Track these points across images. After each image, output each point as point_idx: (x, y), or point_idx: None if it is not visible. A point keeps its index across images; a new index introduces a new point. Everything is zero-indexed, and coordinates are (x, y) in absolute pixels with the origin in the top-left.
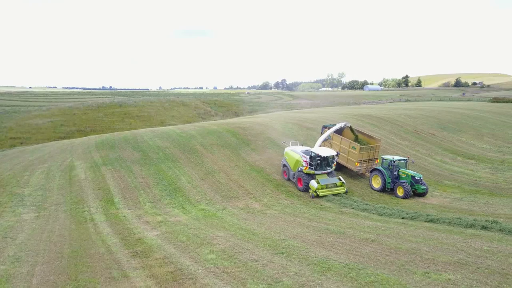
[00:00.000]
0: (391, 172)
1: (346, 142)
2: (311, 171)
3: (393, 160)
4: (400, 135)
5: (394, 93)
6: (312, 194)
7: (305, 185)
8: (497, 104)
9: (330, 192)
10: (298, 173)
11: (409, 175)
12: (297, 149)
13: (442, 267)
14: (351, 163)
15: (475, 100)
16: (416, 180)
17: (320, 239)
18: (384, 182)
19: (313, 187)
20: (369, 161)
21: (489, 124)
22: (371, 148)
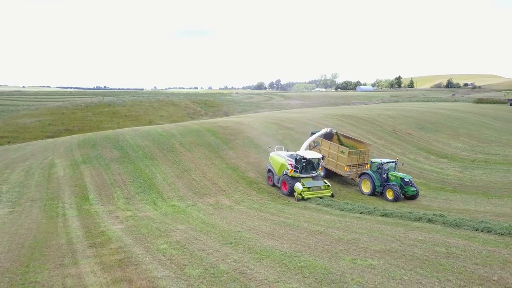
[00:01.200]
0: (380, 175)
1: (334, 147)
2: (296, 174)
3: (381, 162)
4: (377, 135)
5: (385, 94)
6: (297, 197)
7: (290, 189)
8: (480, 105)
9: (315, 195)
10: (283, 177)
11: (398, 177)
12: (282, 153)
13: (371, 254)
14: (340, 168)
15: (461, 101)
16: (405, 182)
17: (272, 231)
18: (373, 186)
19: (298, 190)
20: (359, 166)
21: (467, 125)
22: (360, 153)
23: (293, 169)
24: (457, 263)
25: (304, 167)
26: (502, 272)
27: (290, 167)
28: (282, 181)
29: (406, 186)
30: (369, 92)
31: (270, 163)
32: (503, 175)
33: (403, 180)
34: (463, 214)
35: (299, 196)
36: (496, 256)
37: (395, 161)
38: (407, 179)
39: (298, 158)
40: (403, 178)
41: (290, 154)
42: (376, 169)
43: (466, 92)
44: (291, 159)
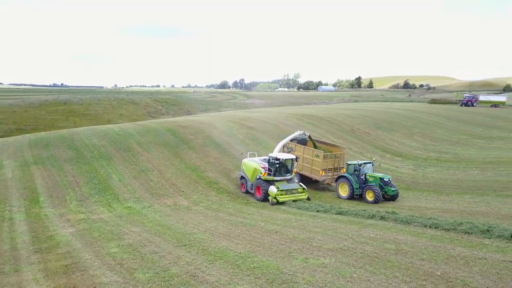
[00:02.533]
0: (358, 178)
1: (309, 151)
2: (270, 177)
3: (358, 164)
4: (336, 134)
5: (346, 94)
6: (272, 201)
7: (264, 193)
8: (434, 105)
9: (290, 198)
10: (256, 182)
11: (377, 177)
12: (255, 159)
13: (323, 253)
14: (315, 172)
15: (416, 101)
16: (385, 182)
17: (228, 232)
18: (351, 189)
19: (272, 193)
20: (335, 170)
21: (421, 124)
22: (335, 156)
23: (266, 172)
24: (404, 259)
25: (278, 170)
26: (446, 267)
27: (264, 170)
28: (255, 186)
29: (386, 187)
30: (331, 92)
31: (242, 170)
32: (452, 172)
33: (383, 180)
34: (414, 211)
35: (274, 200)
36: (441, 251)
37: (372, 162)
38: (387, 179)
39: (271, 160)
40: (382, 178)
41: (263, 158)
42: (353, 171)
43: (422, 92)
44: (264, 162)
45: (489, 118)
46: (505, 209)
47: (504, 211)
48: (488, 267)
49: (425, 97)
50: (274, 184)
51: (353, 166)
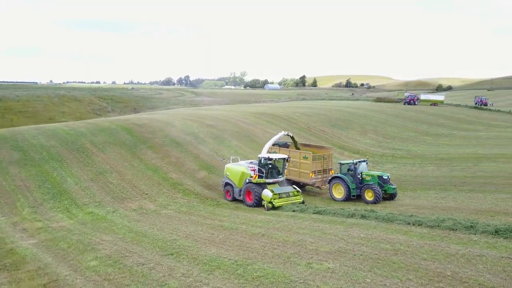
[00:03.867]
0: (353, 177)
1: (295, 154)
2: (261, 180)
3: (353, 163)
4: (295, 132)
5: (292, 92)
6: (267, 206)
7: (257, 198)
8: (380, 104)
9: (286, 202)
10: (246, 186)
11: (375, 176)
12: (240, 163)
13: (324, 257)
14: (304, 175)
15: (362, 100)
16: (384, 180)
17: (212, 237)
18: (348, 190)
19: (268, 197)
20: (324, 172)
21: (372, 122)
22: (324, 157)
23: (257, 174)
24: (407, 260)
25: (270, 171)
26: (452, 267)
27: (254, 173)
28: (245, 191)
29: (386, 185)
30: (277, 91)
31: (226, 176)
32: (409, 168)
33: (382, 178)
34: (389, 208)
35: (269, 205)
36: (438, 249)
37: (366, 160)
38: (386, 177)
39: (262, 161)
40: (381, 176)
41: (249, 161)
42: (347, 171)
43: (363, 91)
44: (253, 165)
45: (431, 116)
46: (473, 204)
47: (473, 206)
48: (491, 265)
49: (367, 95)
50: (266, 187)
51: (347, 165)
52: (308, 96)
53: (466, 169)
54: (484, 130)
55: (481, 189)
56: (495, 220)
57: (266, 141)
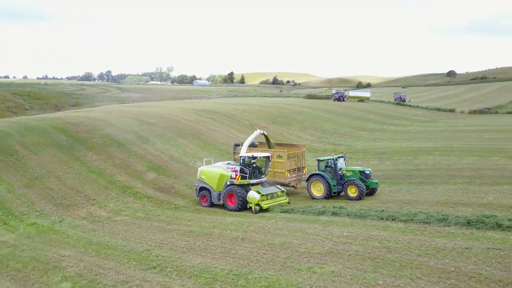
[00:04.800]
0: (334, 174)
1: None
2: (245, 181)
3: (333, 158)
4: (239, 129)
5: (222, 89)
6: (255, 209)
7: (241, 201)
8: (311, 100)
9: (274, 203)
10: (227, 189)
11: (356, 171)
12: (217, 164)
13: (320, 260)
14: (279, 175)
15: (292, 97)
16: (366, 175)
17: (188, 244)
18: (328, 187)
19: (255, 199)
20: (298, 170)
21: (309, 118)
22: (297, 155)
23: (240, 175)
24: (403, 257)
25: (253, 171)
26: (451, 262)
27: (236, 174)
28: (226, 194)
29: (368, 180)
30: (206, 87)
31: (201, 180)
32: (354, 163)
33: (364, 173)
34: (350, 204)
35: (257, 208)
36: (426, 244)
37: (343, 155)
38: (368, 172)
39: (246, 160)
40: (363, 171)
41: (227, 162)
42: (325, 168)
43: (289, 88)
44: (232, 165)
45: (361, 112)
46: (429, 196)
47: (430, 198)
48: (483, 257)
49: (295, 92)
50: (250, 189)
51: (325, 162)
52: (238, 93)
53: (408, 163)
54: (410, 125)
55: (429, 182)
56: (459, 211)
57: (214, 140)
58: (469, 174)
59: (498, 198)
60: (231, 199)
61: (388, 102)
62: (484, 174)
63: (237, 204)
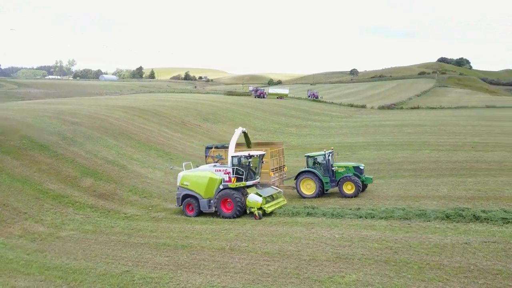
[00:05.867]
0: (326, 170)
1: None
2: (241, 183)
3: (326, 154)
4: (171, 128)
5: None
6: (259, 214)
7: (239, 206)
8: (234, 97)
9: (276, 206)
10: (221, 194)
11: (350, 167)
12: (201, 168)
13: (334, 267)
14: (263, 175)
15: (212, 93)
16: (361, 171)
17: (172, 260)
18: (320, 185)
19: (257, 203)
20: (280, 169)
21: (238, 115)
22: (278, 154)
23: (235, 176)
24: (414, 257)
25: (248, 172)
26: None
27: (229, 176)
28: (220, 200)
29: (362, 176)
30: (116, 82)
31: (183, 187)
32: (295, 159)
33: (358, 169)
34: (315, 202)
35: (260, 212)
36: (425, 242)
37: (331, 151)
38: (362, 167)
39: (242, 160)
40: (357, 167)
41: (213, 164)
42: (313, 164)
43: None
44: (221, 167)
45: (283, 108)
46: (391, 190)
47: (393, 192)
48: (487, 251)
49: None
50: (246, 192)
51: (313, 158)
52: (151, 89)
53: (349, 158)
54: (331, 120)
55: (379, 176)
56: (426, 205)
57: (148, 139)
58: (410, 167)
59: (452, 190)
60: (226, 205)
61: (305, 99)
62: (424, 167)
63: (234, 210)
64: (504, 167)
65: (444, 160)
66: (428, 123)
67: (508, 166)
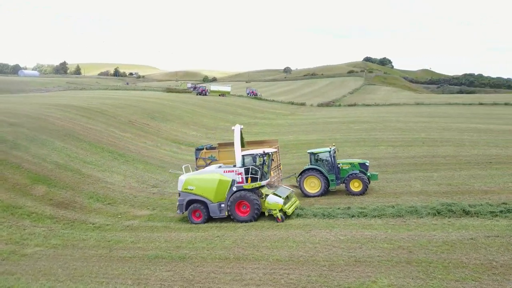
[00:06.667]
0: (331, 167)
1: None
2: (256, 183)
3: (331, 151)
4: (119, 127)
5: (58, 80)
6: (282, 216)
7: (257, 208)
8: (176, 95)
9: (293, 207)
10: (235, 196)
11: (356, 163)
12: (206, 170)
13: (358, 271)
14: None
15: (150, 90)
16: (366, 168)
17: (177, 275)
18: (326, 183)
19: (278, 204)
20: (277, 168)
21: (186, 113)
22: (276, 152)
23: (251, 176)
24: (431, 256)
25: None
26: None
27: (242, 177)
28: (233, 204)
29: (368, 172)
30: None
31: (187, 192)
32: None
33: (364, 166)
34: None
35: (281, 214)
36: (434, 240)
37: (334, 147)
38: (368, 163)
39: (258, 158)
40: (363, 164)
41: (218, 166)
42: (315, 161)
43: (133, 81)
44: (227, 168)
45: (228, 106)
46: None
47: (375, 189)
48: (497, 245)
49: (146, 85)
50: (259, 192)
51: (321, 154)
52: (79, 85)
53: None
54: (277, 118)
55: None
56: (408, 201)
57: (98, 141)
58: (374, 164)
59: (425, 185)
60: (241, 208)
61: (246, 97)
62: (387, 163)
63: (252, 213)
64: (460, 161)
65: (403, 156)
66: (371, 119)
67: (463, 160)
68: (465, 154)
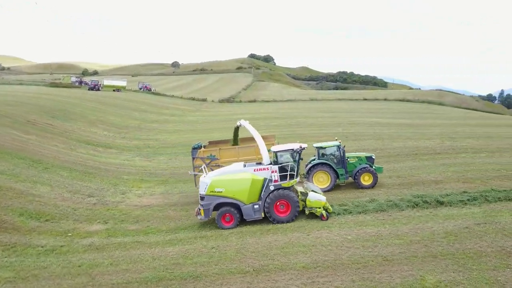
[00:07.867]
0: (341, 162)
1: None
2: (293, 181)
3: (340, 146)
4: (20, 129)
5: None
6: (326, 214)
7: (297, 207)
8: (65, 89)
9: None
10: (273, 196)
11: (362, 157)
12: (231, 168)
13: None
14: None
15: (30, 84)
16: (373, 161)
17: None
18: (335, 177)
19: (322, 202)
20: None
21: (89, 111)
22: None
23: (289, 174)
24: (448, 248)
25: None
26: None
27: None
28: (273, 203)
29: (375, 166)
30: None
31: (215, 195)
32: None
33: (370, 159)
34: None
35: (324, 212)
36: (435, 233)
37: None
38: (374, 157)
39: (295, 154)
40: (370, 157)
41: (243, 164)
42: (321, 156)
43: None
44: (253, 166)
45: (129, 102)
46: None
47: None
48: (494, 233)
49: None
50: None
51: (329, 148)
52: None
53: None
54: (184, 115)
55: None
56: (381, 195)
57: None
58: None
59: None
60: (279, 208)
61: (142, 92)
62: None
63: (292, 212)
64: (390, 153)
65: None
66: (280, 115)
67: (392, 152)
68: (390, 147)
